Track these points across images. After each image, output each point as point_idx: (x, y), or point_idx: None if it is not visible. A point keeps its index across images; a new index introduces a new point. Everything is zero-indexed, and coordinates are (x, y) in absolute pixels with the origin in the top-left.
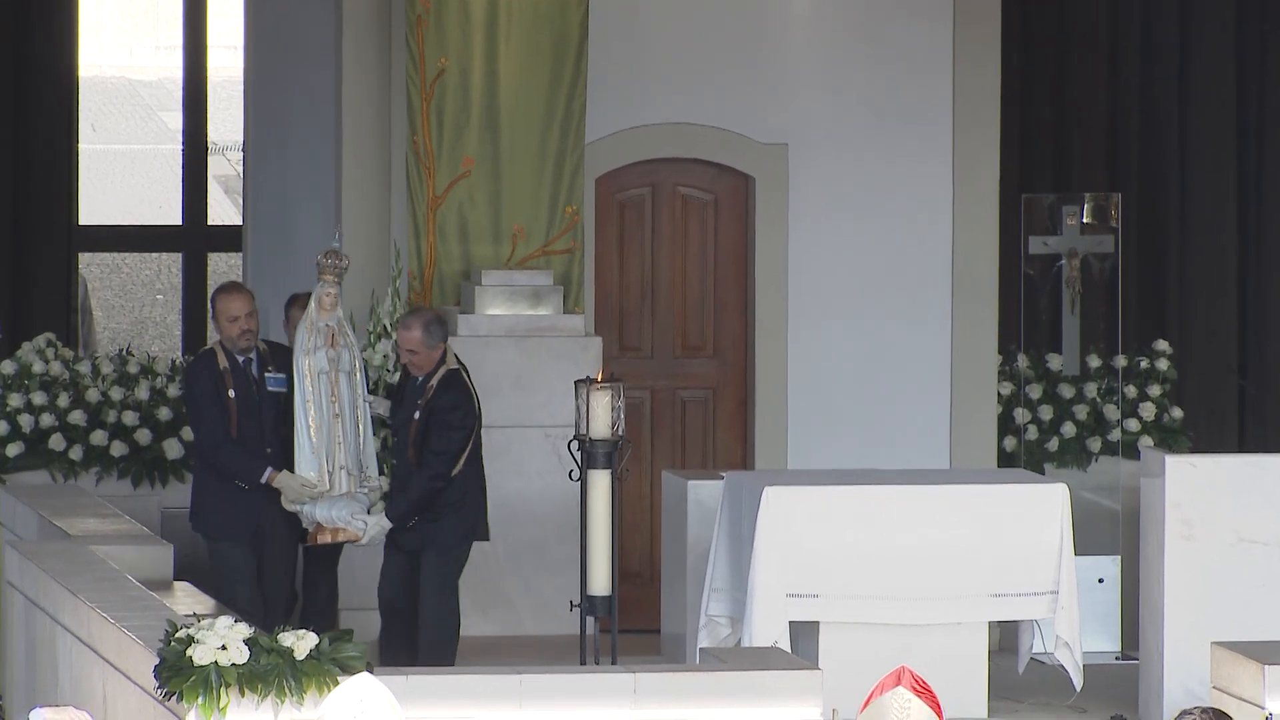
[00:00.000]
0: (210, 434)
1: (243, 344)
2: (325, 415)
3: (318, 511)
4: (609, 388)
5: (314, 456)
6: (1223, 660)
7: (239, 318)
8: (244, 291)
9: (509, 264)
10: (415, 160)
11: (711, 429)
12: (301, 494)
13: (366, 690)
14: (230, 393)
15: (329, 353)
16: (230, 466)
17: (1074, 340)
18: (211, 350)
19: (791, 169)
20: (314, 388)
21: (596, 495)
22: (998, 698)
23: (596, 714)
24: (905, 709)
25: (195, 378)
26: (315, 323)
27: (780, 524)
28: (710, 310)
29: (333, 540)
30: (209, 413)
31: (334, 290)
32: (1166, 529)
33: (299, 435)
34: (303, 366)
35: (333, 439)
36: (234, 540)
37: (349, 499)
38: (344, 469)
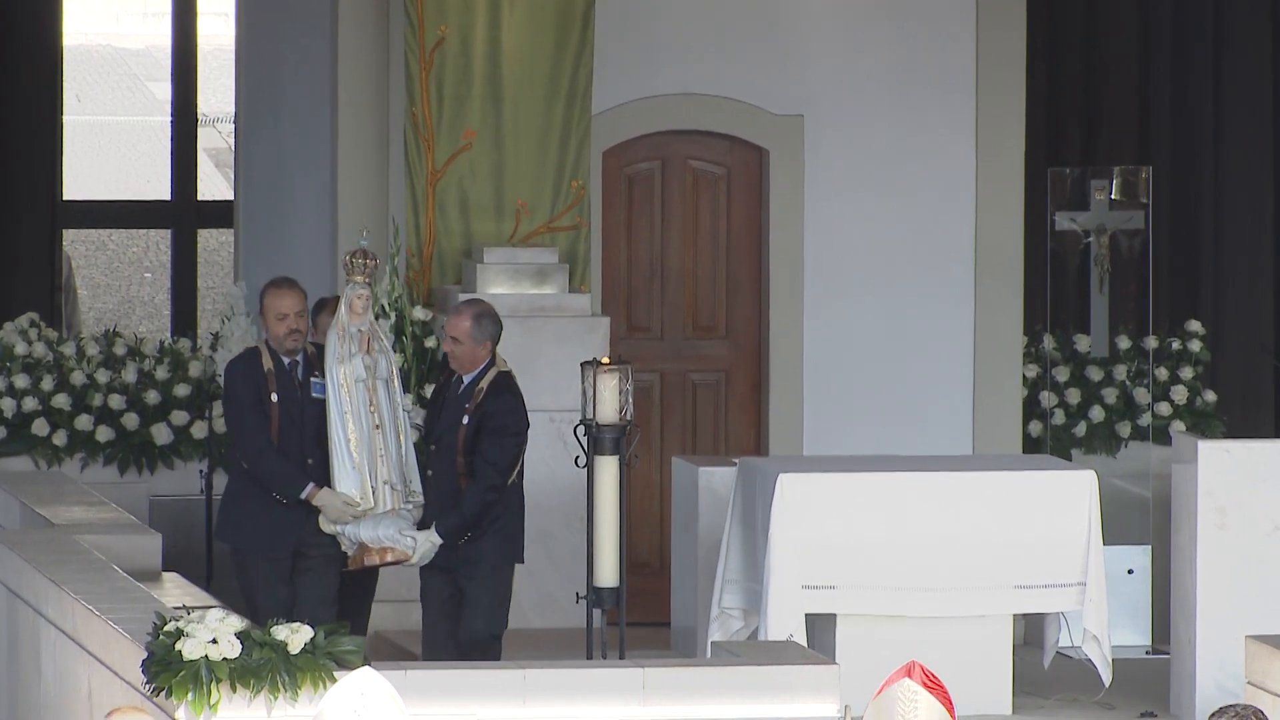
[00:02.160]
0: (253, 440)
1: (289, 344)
2: (365, 427)
3: (362, 531)
4: (616, 370)
5: (355, 472)
6: (1258, 654)
7: (288, 316)
8: (296, 288)
9: (512, 241)
10: (414, 133)
11: (724, 413)
12: (344, 514)
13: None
14: (274, 396)
15: (365, 359)
16: (270, 477)
17: (1102, 320)
18: (255, 349)
19: (807, 141)
20: (351, 398)
21: (603, 482)
22: (1022, 693)
23: (603, 711)
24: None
25: (237, 378)
26: (347, 328)
27: (795, 513)
28: (722, 289)
29: (380, 562)
30: (251, 417)
31: (365, 292)
32: (1199, 518)
33: (337, 450)
34: (338, 375)
35: (374, 452)
36: (268, 554)
37: (394, 516)
38: (387, 484)
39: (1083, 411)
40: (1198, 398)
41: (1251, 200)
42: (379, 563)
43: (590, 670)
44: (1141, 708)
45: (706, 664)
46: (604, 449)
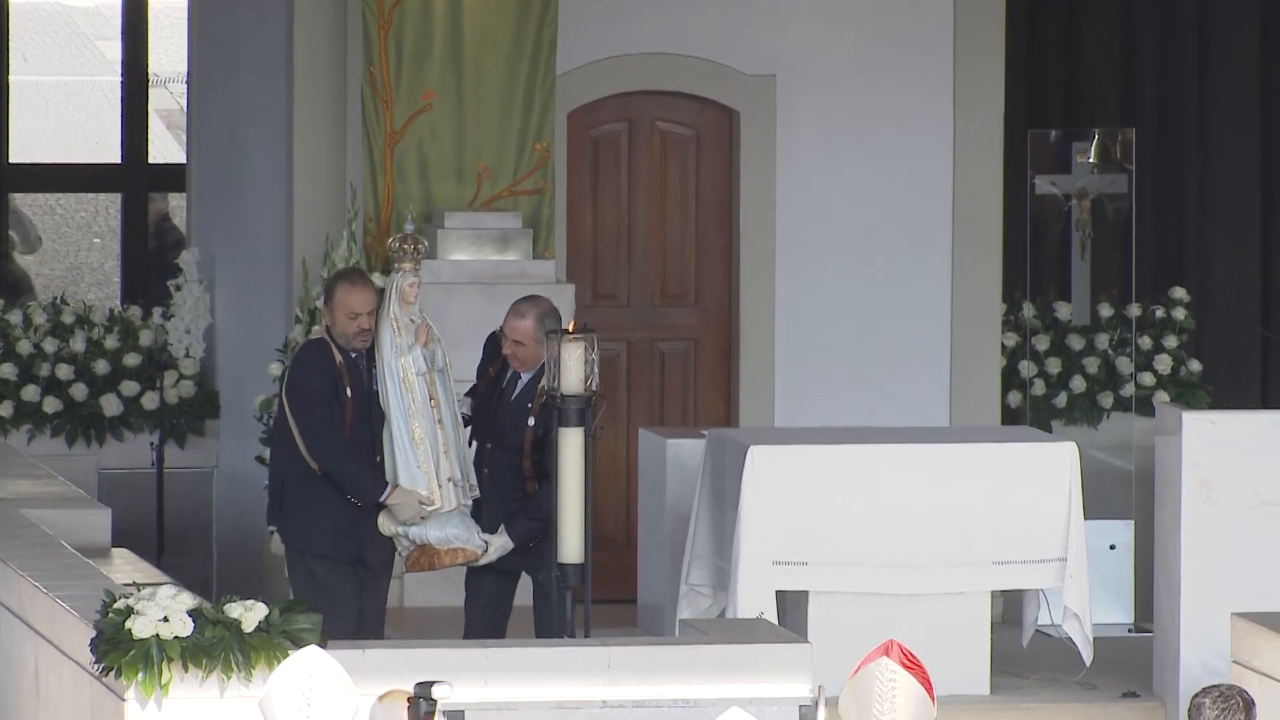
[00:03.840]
0: (333, 441)
1: (358, 344)
2: (429, 423)
3: (430, 532)
4: (582, 339)
5: (421, 473)
6: (1244, 632)
7: (360, 315)
8: (370, 285)
9: (473, 205)
10: (372, 93)
11: (692, 383)
12: (419, 513)
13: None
14: (348, 391)
15: (424, 351)
16: (351, 481)
17: (1084, 288)
18: (325, 341)
19: (780, 102)
20: (413, 393)
21: (568, 455)
22: (1001, 672)
23: (568, 690)
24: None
25: (312, 372)
26: (400, 318)
27: (766, 486)
28: (691, 256)
29: (450, 564)
30: (328, 414)
31: (416, 279)
32: (1184, 491)
33: (399, 447)
34: (397, 369)
35: (439, 449)
36: (337, 559)
37: (460, 515)
38: (451, 481)
39: (1063, 381)
40: (1182, 367)
41: (1237, 163)
42: (448, 564)
43: (554, 649)
44: (1124, 688)
45: (674, 643)
46: (569, 421)
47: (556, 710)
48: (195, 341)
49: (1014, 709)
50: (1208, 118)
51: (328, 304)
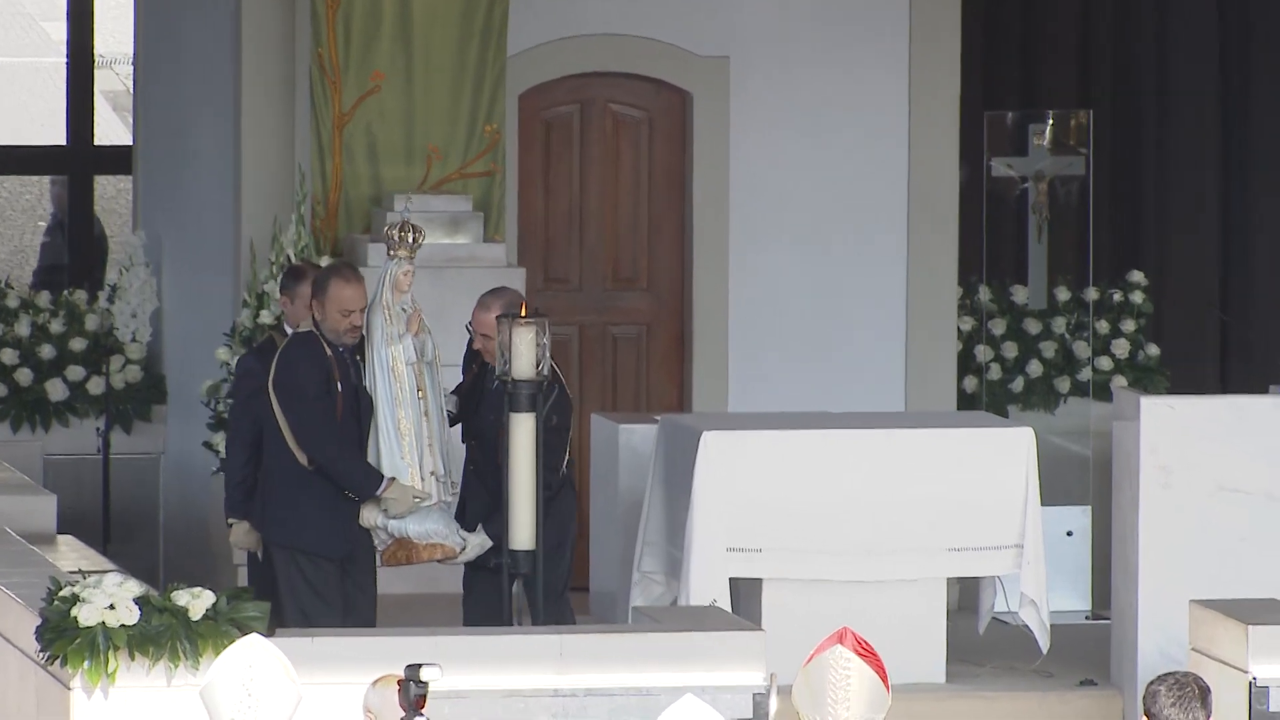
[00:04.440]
0: (326, 436)
1: (348, 340)
2: (415, 414)
3: (409, 526)
4: (533, 323)
5: (405, 464)
6: (1202, 620)
7: (354, 312)
8: (362, 280)
9: (423, 188)
10: (320, 74)
11: (645, 368)
12: (413, 507)
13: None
14: (338, 385)
15: (415, 340)
16: (349, 477)
17: (1041, 271)
18: (314, 335)
19: (733, 84)
20: (401, 383)
21: (519, 441)
22: (956, 660)
23: (520, 679)
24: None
25: (302, 365)
26: (392, 306)
27: (720, 472)
28: (644, 239)
29: (428, 558)
30: (321, 409)
31: (410, 267)
32: (1141, 477)
33: (384, 437)
34: (386, 359)
35: (424, 441)
36: (330, 556)
37: (441, 511)
38: (434, 474)
39: (1020, 366)
40: (1140, 351)
41: (1195, 145)
42: (425, 559)
43: (505, 636)
44: (1081, 675)
45: (626, 630)
46: (520, 406)
47: (508, 699)
48: (142, 326)
49: (970, 697)
50: (1165, 100)
51: (318, 298)
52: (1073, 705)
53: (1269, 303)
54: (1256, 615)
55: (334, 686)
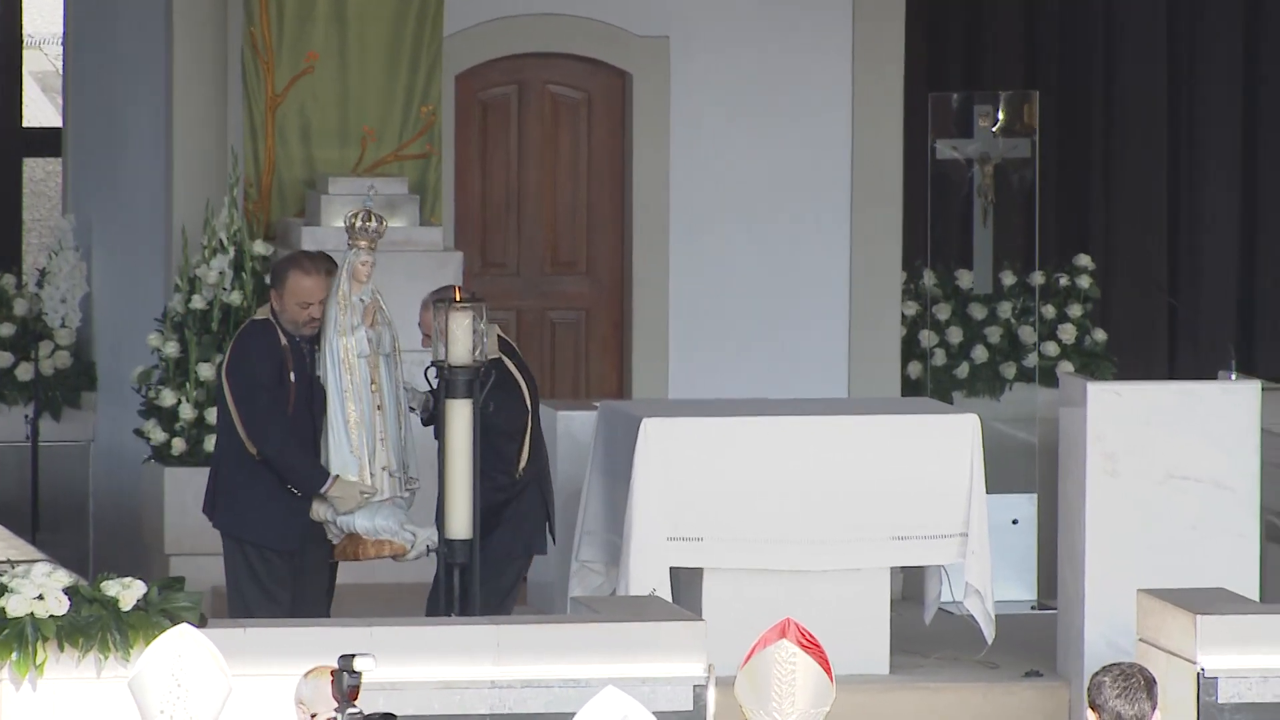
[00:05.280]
0: (274, 429)
1: (307, 331)
2: (366, 407)
3: (358, 521)
4: (470, 308)
5: (353, 457)
6: (1150, 610)
7: (313, 304)
8: (324, 273)
9: (357, 170)
10: (252, 55)
11: (584, 354)
12: (361, 504)
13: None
14: (291, 376)
15: (369, 333)
16: (294, 472)
17: (986, 255)
18: (268, 322)
19: (673, 64)
20: (353, 375)
21: (456, 428)
22: (901, 651)
23: (456, 670)
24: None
25: (255, 354)
26: (349, 297)
27: (660, 460)
28: (583, 223)
29: (375, 555)
30: (270, 400)
31: (370, 258)
32: (1088, 464)
33: (334, 432)
34: (338, 350)
35: (375, 435)
36: (276, 549)
37: (392, 506)
38: (386, 470)
39: (965, 352)
40: (1086, 337)
41: (1144, 127)
42: (374, 556)
43: (442, 627)
44: (1026, 666)
45: (564, 621)
46: (457, 392)
47: (444, 690)
48: (71, 311)
49: (914, 689)
50: (1113, 81)
51: (276, 288)
52: (1018, 696)
53: (1217, 287)
54: (1205, 605)
55: (266, 678)
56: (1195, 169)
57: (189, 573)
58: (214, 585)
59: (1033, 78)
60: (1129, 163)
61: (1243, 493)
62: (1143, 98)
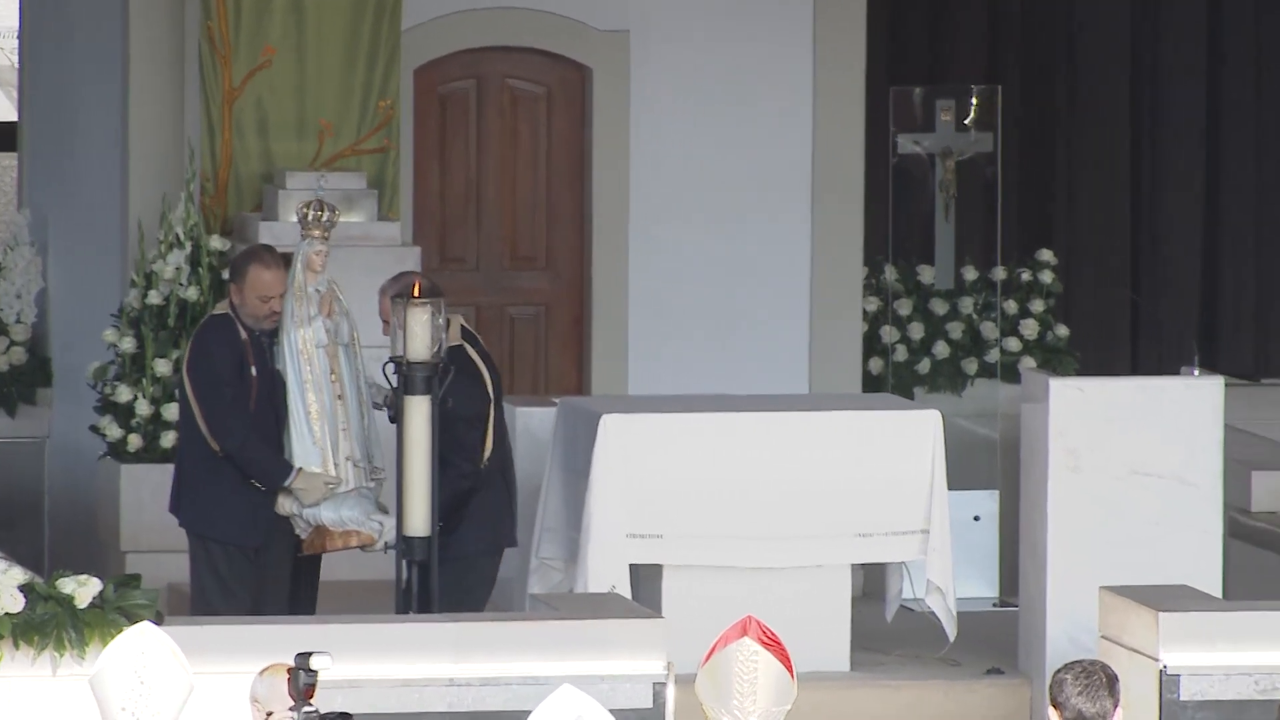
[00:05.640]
0: (236, 425)
1: (267, 325)
2: (327, 398)
3: (323, 513)
4: (428, 304)
5: (316, 449)
6: (1112, 607)
7: (273, 298)
8: (283, 265)
9: (315, 164)
10: (209, 48)
11: (544, 350)
12: (325, 495)
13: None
14: (253, 370)
15: (326, 323)
16: (256, 466)
17: (948, 250)
18: (228, 317)
19: (633, 58)
20: (312, 366)
21: (414, 424)
22: (861, 648)
23: (414, 669)
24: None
25: (215, 349)
26: (305, 287)
27: (619, 456)
28: (542, 218)
29: (343, 546)
30: (231, 395)
31: (324, 248)
32: (1050, 460)
33: (296, 423)
34: (297, 341)
35: (336, 426)
36: (240, 545)
37: (357, 496)
38: (349, 460)
39: (926, 347)
40: (1049, 332)
41: (1106, 122)
42: (341, 547)
43: (400, 625)
44: (988, 664)
45: (523, 618)
46: (415, 389)
47: (402, 688)
48: (26, 306)
49: (875, 686)
50: (1076, 75)
51: (236, 282)
52: (980, 694)
53: (1180, 283)
54: (1167, 602)
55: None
56: (1159, 163)
57: (145, 570)
58: (170, 582)
59: (995, 72)
60: (1092, 157)
61: (1205, 489)
62: (1106, 92)
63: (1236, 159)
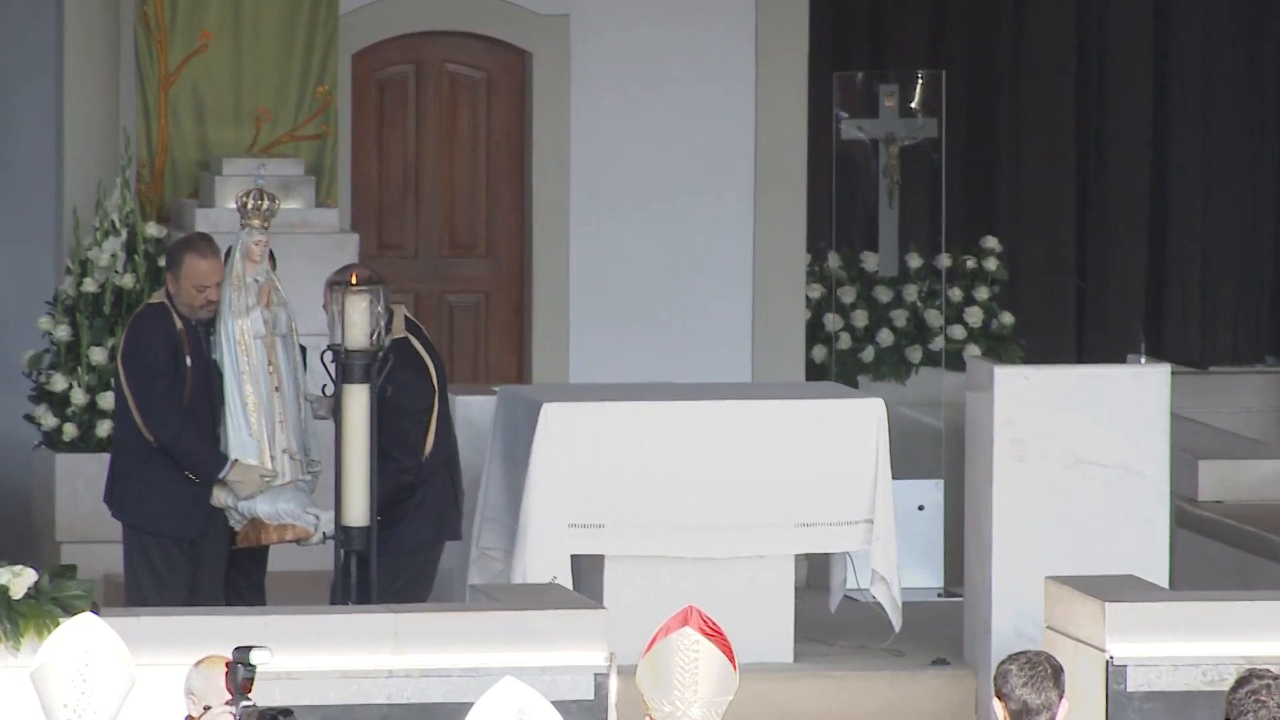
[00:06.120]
0: (171, 416)
1: (203, 315)
2: (264, 389)
3: (259, 506)
4: (367, 291)
5: (252, 440)
6: (1058, 597)
7: (209, 287)
8: (218, 253)
9: (252, 150)
10: (145, 32)
11: (483, 338)
12: (261, 487)
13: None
14: (188, 360)
15: (264, 313)
16: (191, 458)
17: (892, 237)
18: (164, 306)
19: (573, 43)
20: (249, 357)
21: (353, 413)
22: (805, 639)
23: (353, 660)
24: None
25: (150, 339)
26: (243, 277)
27: (560, 445)
28: (482, 204)
29: (278, 539)
30: (166, 386)
31: (263, 238)
32: (995, 449)
33: (232, 415)
34: (234, 332)
35: (274, 418)
36: (177, 538)
37: (293, 489)
38: (286, 453)
39: (870, 335)
40: (994, 320)
41: (1051, 107)
42: (276, 540)
43: (338, 616)
44: (933, 655)
45: (463, 609)
46: (354, 377)
47: (341, 680)
48: None
49: (818, 677)
50: (1021, 60)
51: (171, 271)
52: (924, 685)
53: (1126, 270)
54: (1114, 592)
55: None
56: (1105, 149)
57: (81, 560)
58: (106, 573)
59: (939, 57)
60: (1037, 143)
61: (1152, 478)
62: (1051, 77)
63: (1183, 145)
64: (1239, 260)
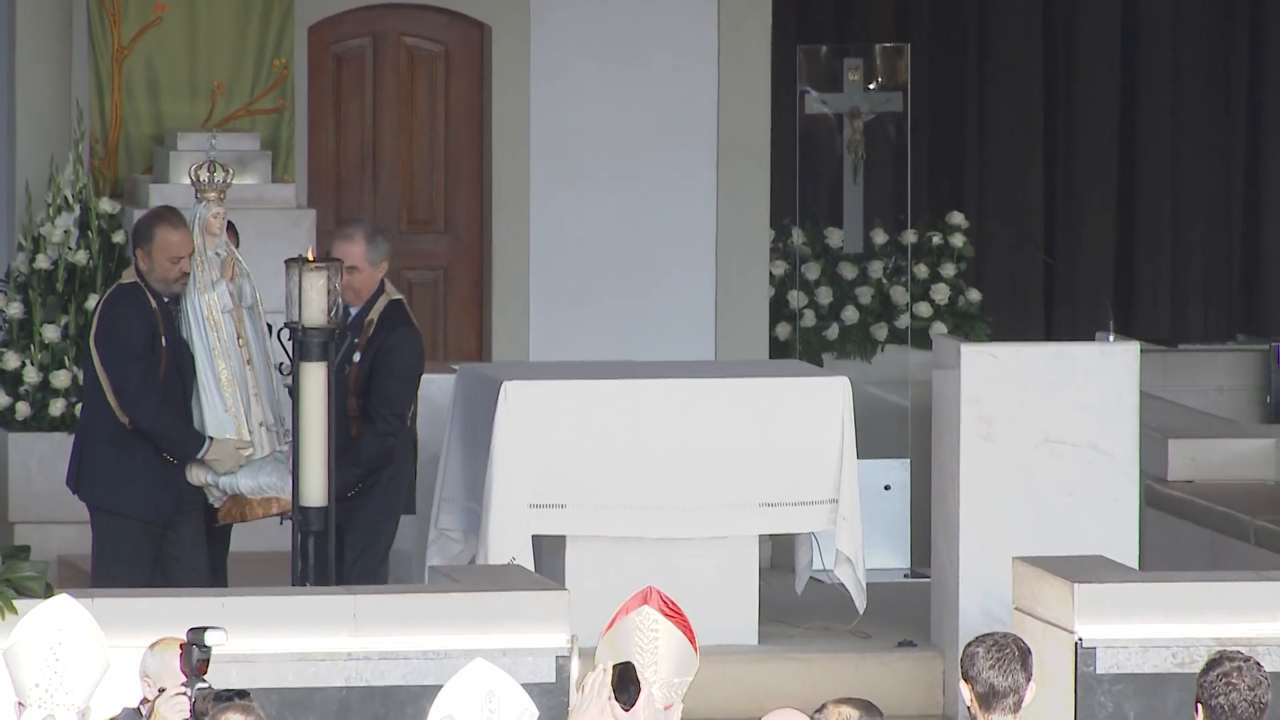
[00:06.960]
0: (147, 396)
1: (179, 288)
2: (236, 363)
3: (241, 481)
4: (324, 268)
5: (229, 416)
6: (1026, 578)
7: (184, 258)
8: (188, 224)
9: (207, 125)
10: (98, 5)
11: (443, 315)
12: (239, 462)
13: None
14: (163, 340)
15: (229, 286)
16: (168, 439)
17: (857, 213)
18: (137, 285)
19: (533, 16)
20: (218, 331)
21: (310, 392)
22: (770, 621)
23: (312, 642)
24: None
25: (125, 319)
26: (205, 251)
27: (521, 424)
28: (441, 179)
29: (263, 514)
30: (143, 368)
31: (221, 210)
32: (962, 428)
33: (205, 391)
34: (201, 308)
35: (248, 391)
36: (148, 520)
37: (274, 462)
38: (263, 425)
39: (835, 312)
40: (960, 297)
41: (1019, 81)
42: (261, 515)
43: (297, 597)
44: (900, 636)
45: (423, 590)
46: (311, 355)
47: (299, 662)
48: None
49: (783, 659)
50: (987, 33)
51: (143, 247)
52: (891, 667)
53: (1095, 246)
54: (1082, 573)
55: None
56: (1072, 123)
57: (35, 541)
58: (60, 554)
59: (904, 30)
60: (1003, 117)
61: (1121, 457)
62: (1017, 50)
63: (1152, 120)
64: (1209, 237)
